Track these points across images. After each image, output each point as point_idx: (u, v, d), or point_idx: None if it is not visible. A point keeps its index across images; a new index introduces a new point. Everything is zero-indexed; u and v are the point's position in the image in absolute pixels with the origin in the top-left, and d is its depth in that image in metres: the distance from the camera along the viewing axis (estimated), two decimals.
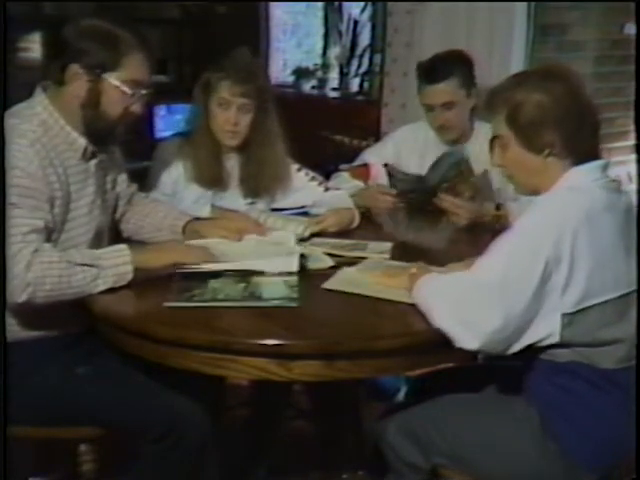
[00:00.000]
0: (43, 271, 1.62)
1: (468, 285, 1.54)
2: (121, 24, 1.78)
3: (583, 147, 1.59)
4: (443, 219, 2.26)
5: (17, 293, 1.60)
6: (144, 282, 1.76)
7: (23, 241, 1.62)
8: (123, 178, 2.06)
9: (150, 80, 1.82)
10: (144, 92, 1.81)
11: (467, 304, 1.51)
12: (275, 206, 2.42)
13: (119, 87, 1.76)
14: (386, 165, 2.35)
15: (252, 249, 1.97)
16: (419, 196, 2.31)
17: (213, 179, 2.33)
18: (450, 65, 2.43)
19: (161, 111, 4.59)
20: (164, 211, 2.11)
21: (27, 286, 1.60)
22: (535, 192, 1.66)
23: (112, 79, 1.75)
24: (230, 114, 2.25)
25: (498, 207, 2.32)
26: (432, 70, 2.43)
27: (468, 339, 1.50)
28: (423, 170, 2.54)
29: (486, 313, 1.49)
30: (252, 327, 1.60)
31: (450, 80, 2.41)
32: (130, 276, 1.73)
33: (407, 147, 2.61)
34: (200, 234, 2.02)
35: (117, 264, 1.72)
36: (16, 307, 1.66)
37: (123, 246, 1.78)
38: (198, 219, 2.09)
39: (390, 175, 2.33)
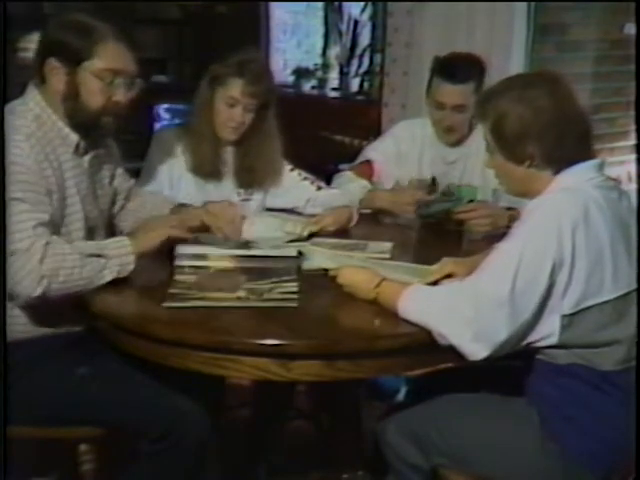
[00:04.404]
0: (57, 263, 1.62)
1: (477, 300, 1.52)
2: (100, 18, 1.76)
3: (566, 156, 1.59)
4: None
5: (32, 286, 1.60)
6: (144, 282, 1.77)
7: (34, 234, 1.62)
8: (120, 172, 2.06)
9: (134, 69, 1.80)
10: (127, 81, 1.79)
11: (478, 319, 1.51)
12: (268, 206, 2.43)
13: (96, 76, 1.74)
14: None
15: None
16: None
17: (211, 171, 2.33)
18: (471, 68, 2.41)
19: (161, 111, 4.60)
20: (164, 205, 2.11)
21: (42, 279, 1.60)
22: (524, 196, 1.67)
23: (88, 68, 1.74)
24: (236, 112, 2.25)
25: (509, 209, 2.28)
26: (454, 69, 2.39)
27: (478, 351, 1.52)
28: (421, 170, 2.56)
29: (497, 326, 1.50)
30: (252, 327, 1.60)
31: (468, 84, 2.38)
32: (132, 266, 1.75)
33: (406, 144, 2.60)
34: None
35: (121, 254, 1.74)
36: (22, 304, 1.67)
37: (123, 237, 1.82)
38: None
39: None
